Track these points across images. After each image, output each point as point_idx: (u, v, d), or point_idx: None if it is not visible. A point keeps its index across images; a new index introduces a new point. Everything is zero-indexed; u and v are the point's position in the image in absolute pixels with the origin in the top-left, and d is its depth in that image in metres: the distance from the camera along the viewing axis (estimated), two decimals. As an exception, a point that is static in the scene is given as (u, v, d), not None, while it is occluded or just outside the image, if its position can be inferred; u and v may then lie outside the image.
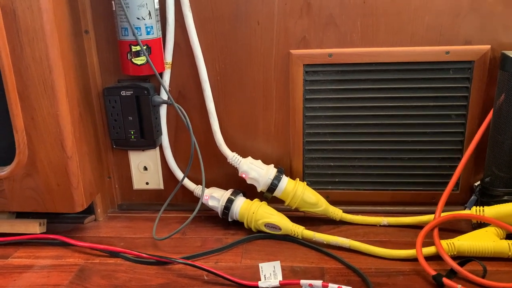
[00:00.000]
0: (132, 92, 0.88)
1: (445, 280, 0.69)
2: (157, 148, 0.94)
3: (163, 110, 0.92)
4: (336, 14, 0.83)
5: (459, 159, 0.88)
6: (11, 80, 0.77)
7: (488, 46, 0.82)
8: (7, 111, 0.79)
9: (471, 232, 0.79)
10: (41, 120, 0.79)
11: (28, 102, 0.78)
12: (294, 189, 0.87)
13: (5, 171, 0.83)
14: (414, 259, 0.76)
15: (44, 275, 0.78)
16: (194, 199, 0.94)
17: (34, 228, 0.89)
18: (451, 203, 0.88)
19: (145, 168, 0.97)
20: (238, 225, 0.90)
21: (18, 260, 0.83)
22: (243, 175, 0.88)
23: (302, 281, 0.69)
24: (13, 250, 0.86)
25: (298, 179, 0.89)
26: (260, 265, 0.74)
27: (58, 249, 0.86)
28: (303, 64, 0.86)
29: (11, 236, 0.88)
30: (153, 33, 0.82)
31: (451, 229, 0.85)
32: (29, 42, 0.75)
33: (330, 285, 0.67)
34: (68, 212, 0.87)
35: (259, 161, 0.89)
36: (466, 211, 0.83)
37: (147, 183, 0.98)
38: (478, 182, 0.88)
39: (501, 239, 0.78)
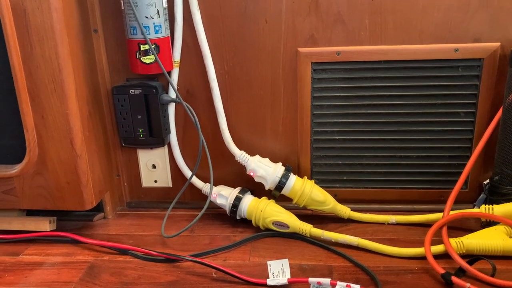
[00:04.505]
0: (140, 90, 0.88)
1: (454, 278, 0.69)
2: (166, 146, 0.95)
3: (171, 108, 0.92)
4: (344, 12, 0.83)
5: (468, 157, 0.87)
6: (21, 79, 0.78)
7: (498, 44, 0.82)
8: (17, 109, 0.80)
9: (480, 231, 0.79)
10: (51, 119, 0.80)
11: (38, 100, 0.79)
12: (302, 187, 0.87)
13: (15, 169, 0.83)
14: (422, 258, 0.76)
15: (54, 272, 0.79)
16: (202, 197, 0.94)
17: (44, 225, 0.90)
18: (460, 202, 0.87)
19: (154, 166, 0.97)
20: (246, 223, 0.90)
21: (29, 257, 0.84)
22: (251, 173, 0.88)
23: (311, 279, 0.69)
24: (24, 247, 0.87)
25: (306, 177, 0.89)
26: (269, 262, 0.74)
27: (68, 247, 0.87)
28: (311, 62, 0.86)
29: (22, 233, 0.89)
30: (161, 32, 0.82)
31: (460, 227, 0.84)
32: (39, 41, 0.76)
33: (339, 283, 0.67)
34: (77, 210, 0.88)
35: (267, 159, 0.90)
36: (475, 210, 0.83)
37: (155, 181, 0.99)
38: (487, 181, 0.87)
39: (510, 237, 0.77)
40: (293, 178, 0.87)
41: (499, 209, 0.79)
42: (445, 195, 0.90)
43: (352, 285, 0.67)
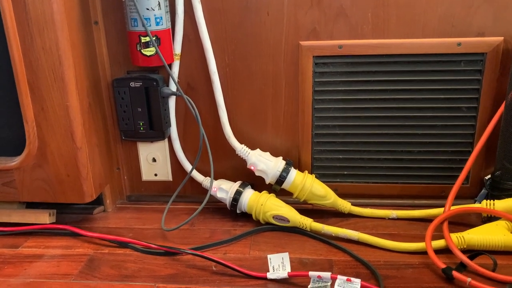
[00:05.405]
0: (141, 83, 0.88)
1: (455, 273, 0.69)
2: (166, 139, 0.94)
3: (172, 101, 0.92)
4: (346, 5, 0.82)
5: (470, 152, 0.87)
6: (21, 70, 0.77)
7: (501, 38, 0.81)
8: (17, 101, 0.79)
9: (481, 226, 0.79)
10: (51, 111, 0.80)
11: (38, 92, 0.79)
12: (302, 181, 0.86)
13: (15, 161, 0.83)
14: (423, 252, 0.76)
15: (54, 265, 0.79)
16: (202, 191, 0.94)
17: (44, 218, 0.90)
18: (461, 197, 0.87)
19: (154, 160, 0.97)
20: (246, 217, 0.90)
21: (28, 249, 0.84)
22: (252, 167, 0.88)
23: (311, 273, 0.69)
24: (24, 240, 0.87)
25: (306, 171, 0.89)
26: (269, 256, 0.74)
27: (67, 239, 0.86)
28: (313, 56, 0.86)
29: (22, 226, 0.89)
30: (162, 24, 0.82)
31: (461, 222, 0.84)
32: (39, 33, 0.75)
33: (339, 277, 0.67)
34: (77, 202, 0.87)
35: (268, 153, 0.89)
36: (476, 205, 0.82)
37: (155, 175, 0.98)
38: (489, 176, 0.87)
39: (511, 232, 0.77)
40: (293, 173, 0.87)
41: (501, 204, 0.79)
42: (446, 190, 0.90)
43: (352, 279, 0.67)
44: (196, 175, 0.94)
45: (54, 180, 0.85)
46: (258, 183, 0.91)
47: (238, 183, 0.90)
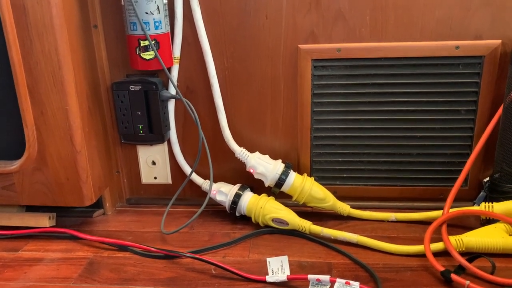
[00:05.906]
0: (140, 87, 0.88)
1: (454, 276, 0.69)
2: (165, 143, 0.95)
3: (171, 105, 0.92)
4: (345, 8, 0.83)
5: (468, 155, 0.87)
6: (21, 74, 0.77)
7: (499, 41, 0.81)
8: (17, 105, 0.79)
9: (479, 228, 0.79)
10: (51, 115, 0.80)
11: (37, 96, 0.79)
12: (301, 184, 0.86)
13: (15, 165, 0.83)
14: (422, 255, 0.76)
15: (54, 268, 0.79)
16: (202, 193, 0.94)
17: (43, 221, 0.90)
18: (460, 199, 0.87)
19: (153, 163, 0.97)
20: (245, 220, 0.90)
21: (28, 253, 0.84)
22: (251, 170, 0.88)
23: (310, 276, 0.69)
24: (23, 243, 0.87)
25: (305, 174, 0.89)
26: (268, 259, 0.74)
27: (67, 243, 0.87)
28: (312, 59, 0.86)
29: (21, 229, 0.89)
30: (161, 28, 0.82)
31: (459, 225, 0.84)
32: (39, 37, 0.75)
33: (338, 280, 0.67)
34: (77, 206, 0.88)
35: (267, 156, 0.89)
36: (475, 207, 0.82)
37: (155, 178, 0.99)
38: (487, 178, 0.87)
39: (510, 235, 0.77)
40: (292, 175, 0.87)
41: (499, 207, 0.79)
42: (445, 193, 0.90)
43: (351, 282, 0.67)
44: (196, 178, 0.95)
45: (54, 183, 0.85)
46: (257, 186, 0.91)
47: (238, 186, 0.90)
